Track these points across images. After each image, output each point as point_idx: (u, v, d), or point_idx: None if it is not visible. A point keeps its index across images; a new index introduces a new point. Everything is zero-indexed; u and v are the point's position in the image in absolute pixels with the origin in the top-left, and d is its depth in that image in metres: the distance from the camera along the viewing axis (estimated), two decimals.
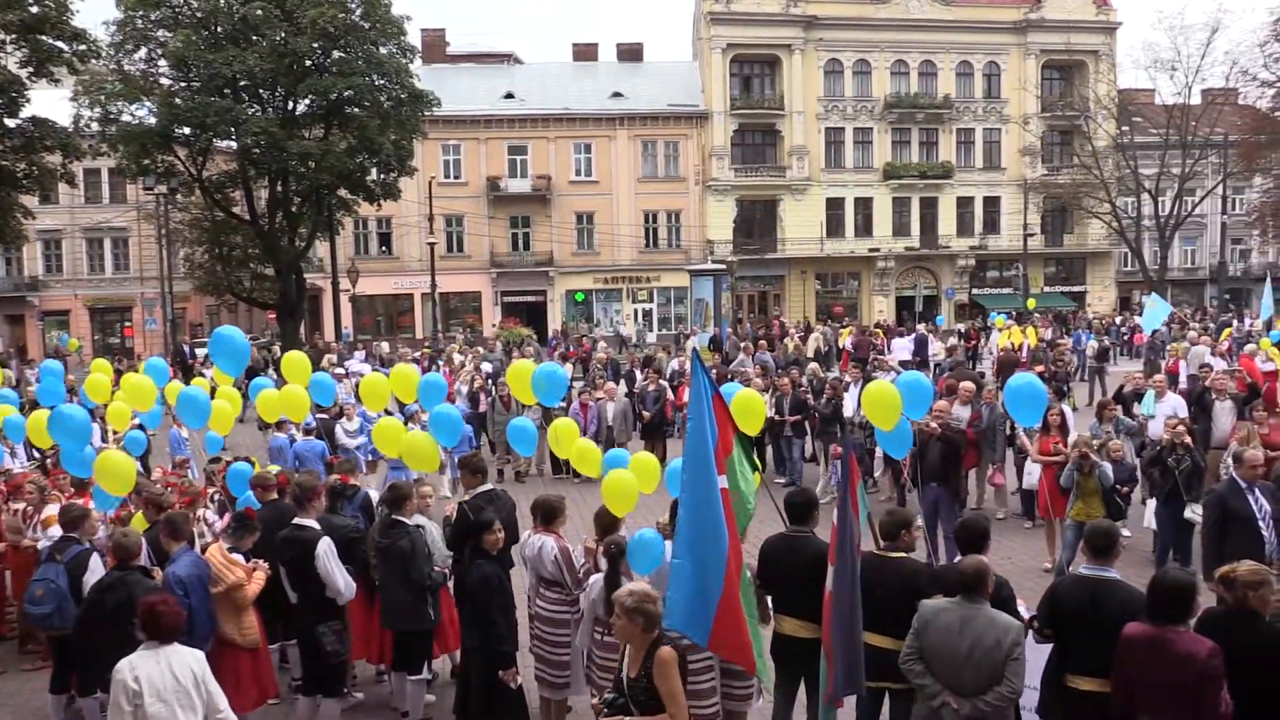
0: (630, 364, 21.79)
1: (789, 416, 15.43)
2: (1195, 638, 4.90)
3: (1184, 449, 10.53)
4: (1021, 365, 19.41)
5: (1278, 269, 55.41)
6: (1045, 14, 51.72)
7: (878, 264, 50.93)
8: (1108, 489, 10.12)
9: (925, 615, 5.36)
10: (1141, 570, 10.65)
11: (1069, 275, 54.32)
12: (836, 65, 50.89)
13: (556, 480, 16.57)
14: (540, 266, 48.55)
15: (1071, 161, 50.98)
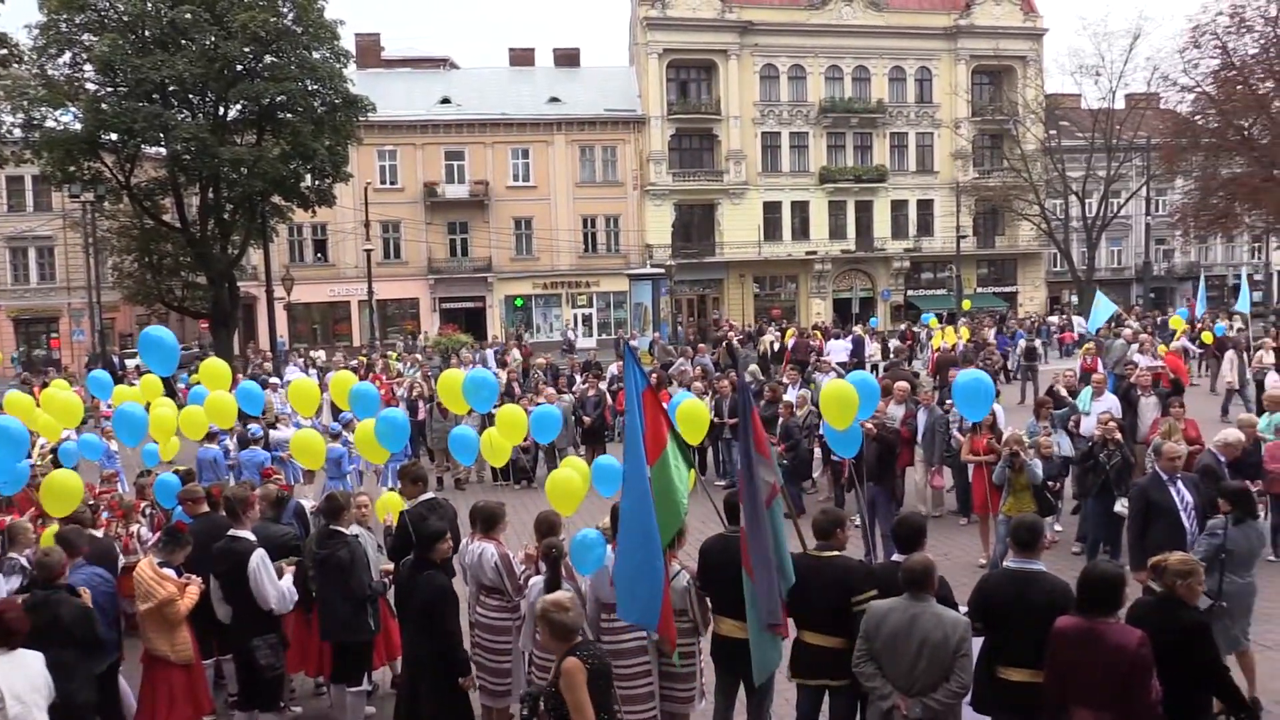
0: (571, 369, 21.74)
1: (728, 419, 15.51)
2: (1125, 628, 5.03)
3: (1115, 445, 10.79)
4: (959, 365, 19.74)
5: (1200, 268, 57.15)
6: (975, 20, 52.73)
7: (815, 267, 51.50)
8: (1038, 486, 10.36)
9: (875, 617, 5.42)
10: (1074, 563, 10.94)
11: (1001, 276, 55.39)
12: (772, 70, 51.40)
13: (497, 487, 16.50)
14: (479, 272, 48.31)
15: (1002, 165, 51.99)
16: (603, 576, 6.45)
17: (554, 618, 4.85)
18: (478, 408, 9.83)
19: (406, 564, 6.81)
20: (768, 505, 5.82)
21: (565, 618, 4.85)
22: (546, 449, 15.71)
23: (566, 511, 7.37)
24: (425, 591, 6.45)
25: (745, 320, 48.07)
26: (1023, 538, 5.73)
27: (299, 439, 9.85)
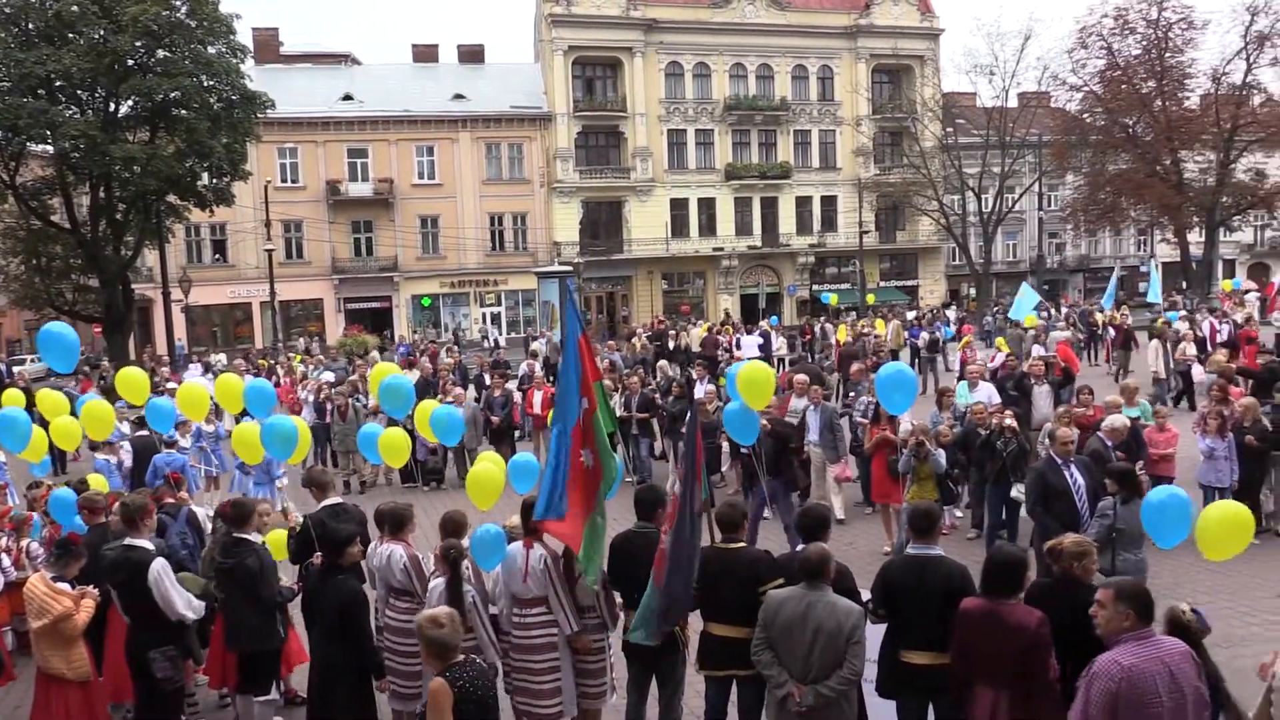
0: (480, 368, 21.54)
1: (637, 414, 15.58)
2: (1026, 609, 5.20)
3: (1010, 433, 11.15)
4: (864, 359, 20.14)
5: (1089, 261, 59.29)
6: (874, 20, 53.81)
7: (722, 263, 52.01)
8: (941, 475, 10.66)
9: (771, 606, 5.50)
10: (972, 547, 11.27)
11: (902, 270, 56.67)
12: (677, 68, 51.72)
13: (406, 489, 16.31)
14: (384, 272, 47.59)
15: (902, 161, 53.19)
16: (513, 571, 6.47)
17: (428, 634, 4.64)
18: (392, 413, 9.72)
19: (314, 570, 6.71)
20: (699, 515, 5.85)
21: (440, 634, 4.62)
22: (455, 449, 15.57)
23: (485, 505, 7.36)
24: (338, 596, 6.37)
25: (653, 317, 48.39)
26: (921, 524, 5.89)
27: (240, 433, 9.56)
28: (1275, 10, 44.76)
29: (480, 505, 7.38)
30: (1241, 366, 16.49)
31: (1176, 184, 46.56)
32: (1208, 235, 48.52)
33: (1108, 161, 49.37)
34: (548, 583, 6.40)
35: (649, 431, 15.79)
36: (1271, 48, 45.61)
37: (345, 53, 55.11)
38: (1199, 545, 6.02)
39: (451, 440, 9.43)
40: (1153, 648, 4.50)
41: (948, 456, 11.14)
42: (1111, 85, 48.02)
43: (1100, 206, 49.68)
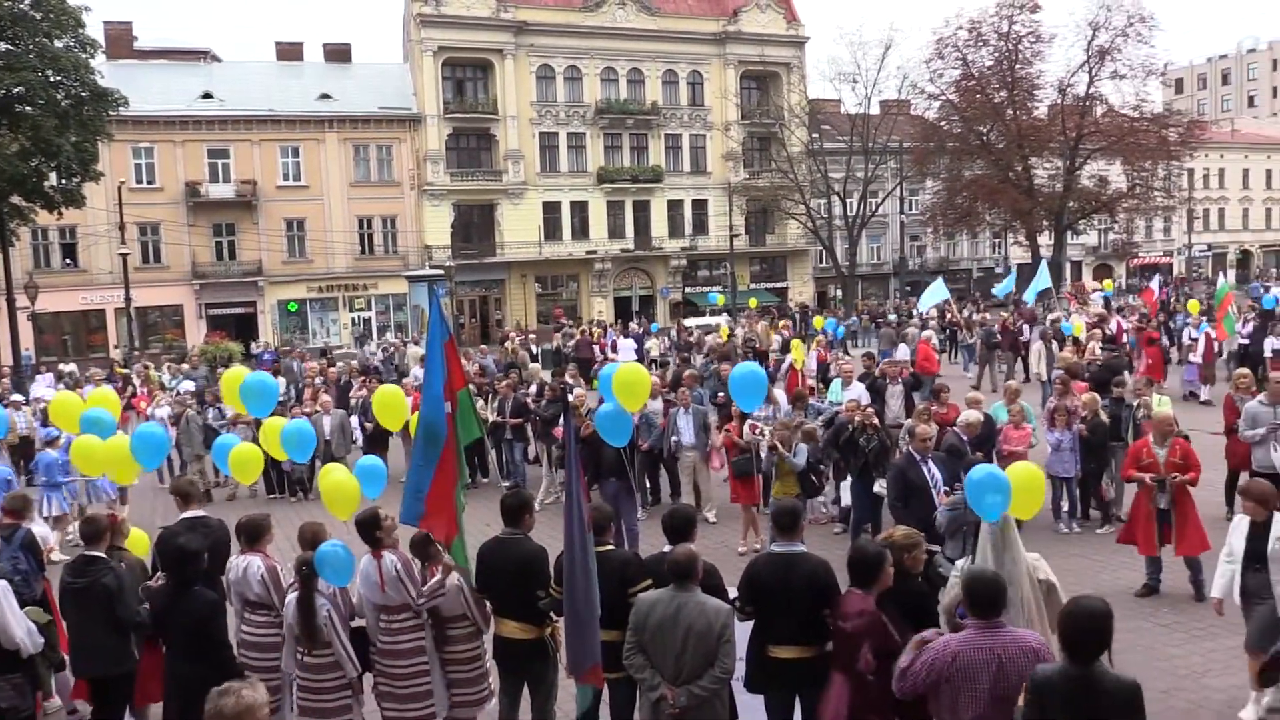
0: (348, 374, 21.12)
1: (510, 419, 15.55)
2: (861, 597, 5.39)
3: (873, 429, 11.54)
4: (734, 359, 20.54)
5: (948, 263, 61.58)
6: (742, 27, 54.80)
7: (595, 266, 52.17)
8: (801, 471, 10.96)
9: (642, 609, 5.53)
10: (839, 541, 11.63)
11: (772, 272, 57.84)
12: (548, 71, 51.66)
13: (271, 500, 15.88)
14: (248, 276, 46.07)
15: (770, 166, 54.32)
16: (370, 583, 6.41)
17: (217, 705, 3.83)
18: (255, 412, 9.47)
19: (165, 586, 6.47)
20: (587, 530, 5.74)
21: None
22: (323, 458, 15.23)
23: (344, 515, 7.24)
24: (194, 609, 6.17)
25: (527, 321, 48.24)
26: (784, 522, 6.02)
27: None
28: (1115, 26, 47.54)
29: (339, 515, 7.25)
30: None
31: (1027, 189, 48.96)
32: (1057, 238, 51.13)
33: (964, 167, 51.59)
34: (402, 586, 6.35)
35: (522, 436, 15.79)
36: (1111, 61, 48.47)
37: (204, 49, 53.27)
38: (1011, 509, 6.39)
39: (303, 457, 9.17)
40: (990, 638, 4.67)
41: (812, 452, 11.48)
42: (967, 94, 50.20)
43: (958, 210, 51.85)
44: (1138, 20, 47.27)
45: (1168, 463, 9.48)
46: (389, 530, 6.57)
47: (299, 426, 9.30)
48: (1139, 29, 47.35)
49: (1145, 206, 52.52)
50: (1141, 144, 48.30)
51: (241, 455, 8.93)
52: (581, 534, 5.54)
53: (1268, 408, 10.99)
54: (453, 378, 6.35)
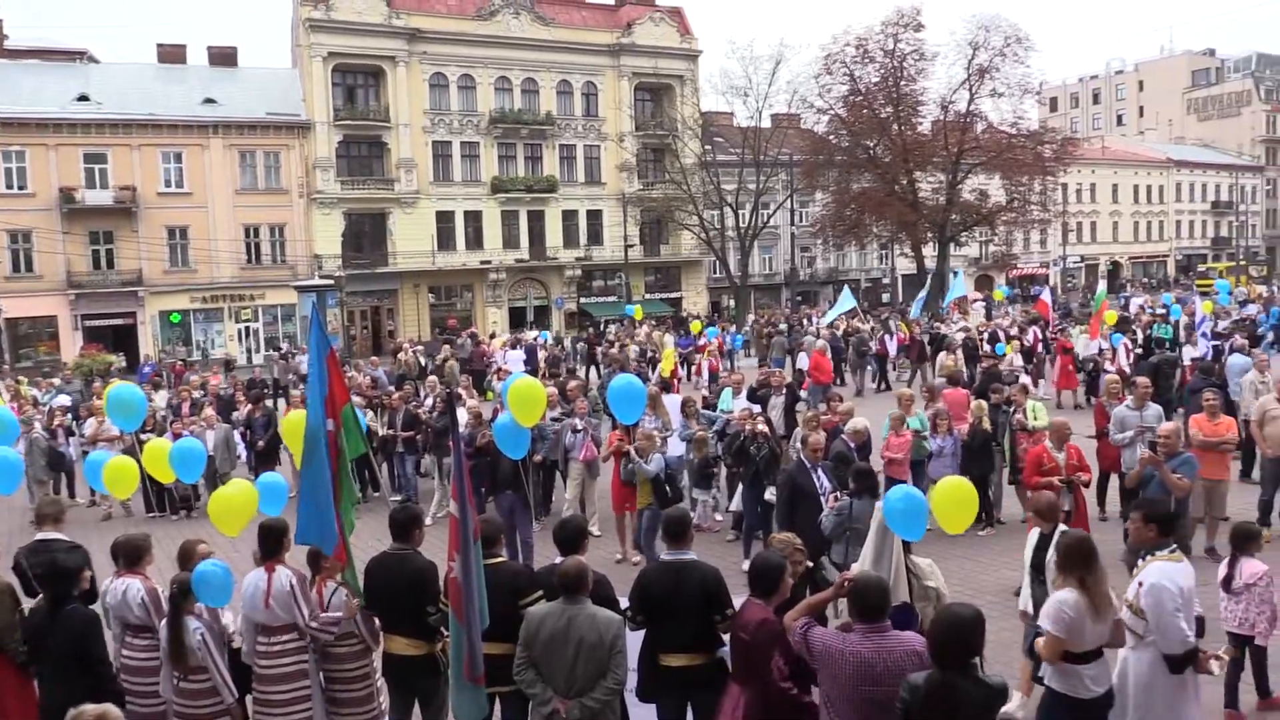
0: (232, 388, 20.56)
1: (401, 432, 15.36)
2: (760, 607, 5.43)
3: (763, 438, 11.75)
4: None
5: (837, 274, 62.93)
6: (636, 39, 55.21)
7: (490, 276, 51.82)
8: (654, 480, 11.07)
9: (532, 623, 5.51)
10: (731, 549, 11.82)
11: (667, 283, 58.27)
12: (441, 79, 51.21)
13: (151, 519, 15.32)
14: (127, 286, 44.40)
15: (664, 177, 54.74)
16: (254, 599, 6.26)
17: None
18: (124, 426, 9.18)
19: (37, 608, 6.22)
20: (475, 540, 5.68)
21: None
22: (207, 475, 14.80)
23: (231, 532, 7.08)
24: (70, 627, 5.96)
25: (420, 331, 47.63)
26: (674, 530, 6.09)
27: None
28: (993, 46, 49.38)
29: (227, 532, 7.08)
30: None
31: (912, 202, 50.43)
32: (940, 249, 52.72)
33: (852, 180, 52.88)
34: (293, 605, 6.20)
35: (414, 449, 15.59)
36: (990, 80, 50.30)
37: (80, 49, 51.28)
38: (940, 523, 6.57)
39: (192, 477, 8.92)
40: (876, 641, 4.82)
41: (677, 463, 11.71)
42: (854, 109, 51.50)
43: (846, 222, 53.08)
44: (1014, 41, 49.23)
45: (1068, 465, 9.91)
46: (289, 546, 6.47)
47: (187, 446, 9.05)
48: (1015, 49, 49.33)
49: (1023, 219, 54.56)
50: (1019, 159, 50.25)
51: (116, 470, 8.66)
52: (474, 545, 5.49)
53: (1135, 412, 11.57)
54: (335, 393, 6.27)
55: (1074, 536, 5.69)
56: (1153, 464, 9.21)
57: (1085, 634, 5.28)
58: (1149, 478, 9.29)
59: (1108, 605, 5.33)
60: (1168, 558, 5.65)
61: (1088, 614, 5.26)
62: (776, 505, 9.96)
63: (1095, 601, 5.26)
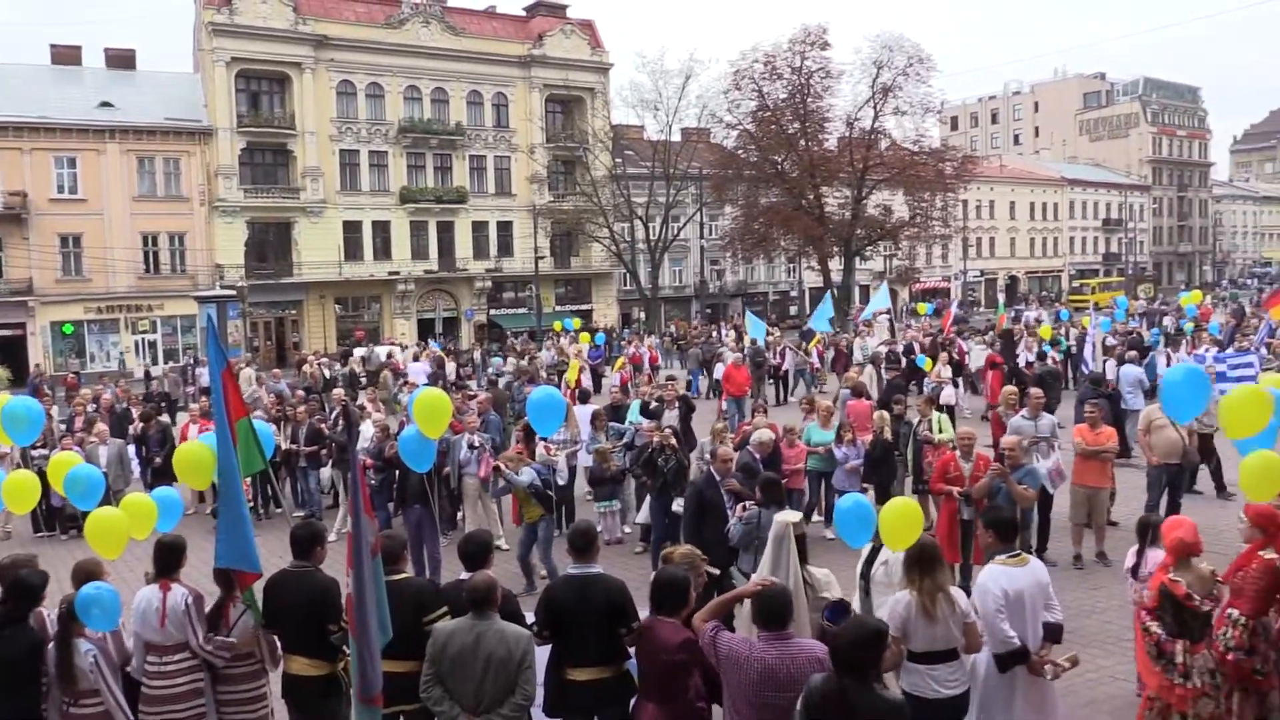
0: (127, 403, 19.91)
1: (304, 447, 15.06)
2: (675, 628, 5.42)
3: (670, 450, 11.85)
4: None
5: (746, 286, 63.73)
6: (547, 51, 55.26)
7: (398, 287, 51.20)
8: (535, 492, 11.01)
9: (439, 639, 5.43)
10: (639, 561, 11.88)
11: (577, 295, 58.28)
12: (349, 87, 50.52)
13: (39, 538, 14.73)
14: (16, 296, 42.64)
15: (574, 189, 54.82)
16: (148, 616, 6.07)
17: None
18: (17, 440, 8.84)
19: None
20: (373, 555, 5.52)
21: None
22: None
23: (110, 554, 6.81)
24: (13, 647, 5.73)
25: (326, 343, 46.80)
26: (579, 544, 6.09)
27: None
28: (896, 66, 50.60)
29: (107, 555, 6.78)
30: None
31: (819, 217, 51.31)
32: (846, 263, 53.74)
33: (760, 195, 53.58)
34: (187, 625, 6.03)
35: (317, 463, 15.29)
36: (893, 98, 51.50)
37: None
38: (886, 541, 6.68)
39: (90, 504, 8.56)
40: (779, 648, 4.91)
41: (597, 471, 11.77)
42: (762, 125, 52.21)
43: (755, 236, 53.72)
44: (916, 61, 50.49)
45: (973, 475, 10.20)
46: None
47: (86, 474, 8.68)
48: (918, 69, 50.59)
49: (925, 235, 55.90)
50: (921, 176, 51.52)
51: (15, 485, 8.33)
52: (371, 561, 5.36)
53: (1029, 421, 11.97)
54: (231, 408, 6.19)
55: (925, 543, 5.94)
56: (999, 475, 9.46)
57: (917, 634, 5.53)
58: (997, 489, 9.52)
59: (942, 604, 5.56)
60: (1006, 561, 5.89)
61: (919, 615, 5.53)
62: (684, 517, 10.04)
63: (927, 604, 5.52)
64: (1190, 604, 5.92)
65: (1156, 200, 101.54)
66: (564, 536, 8.13)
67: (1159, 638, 6.00)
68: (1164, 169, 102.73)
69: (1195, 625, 5.94)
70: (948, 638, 5.60)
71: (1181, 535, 6.17)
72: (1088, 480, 11.33)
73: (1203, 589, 6.00)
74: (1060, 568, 10.86)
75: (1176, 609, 5.94)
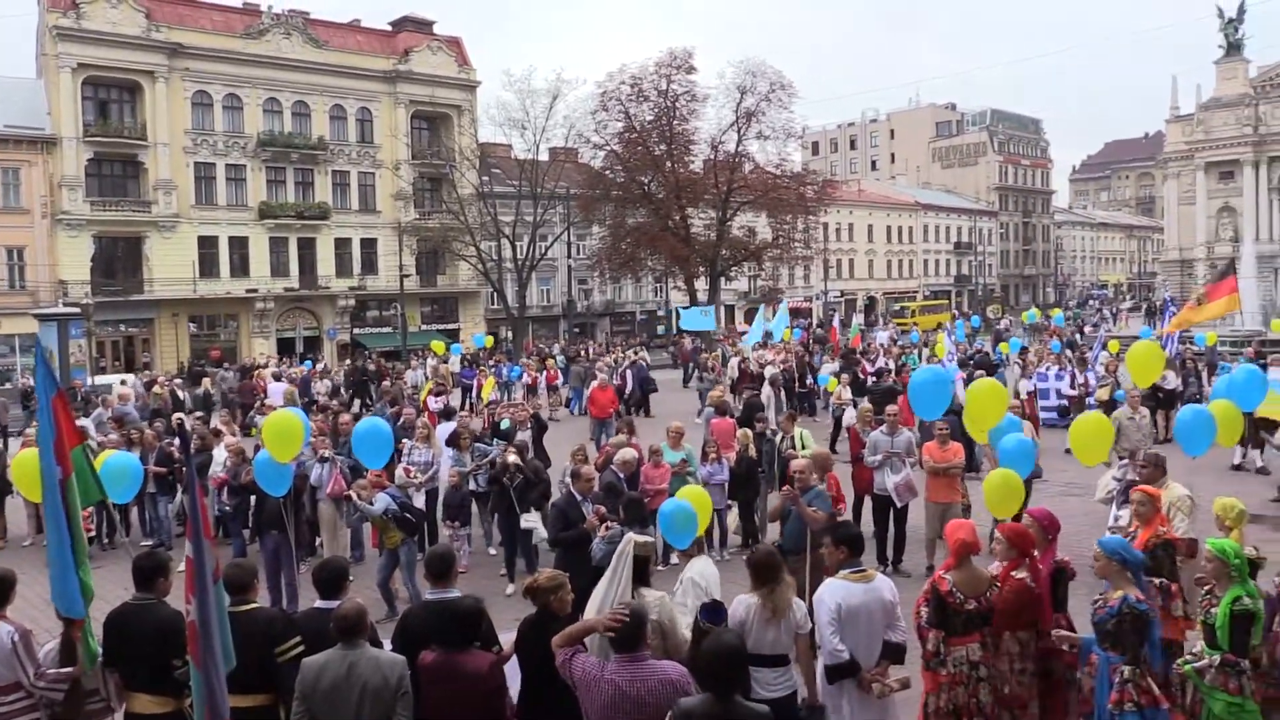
0: None
1: (153, 469, 14.45)
2: (479, 656, 5.42)
3: (515, 468, 11.89)
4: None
5: (614, 305, 64.16)
6: (413, 67, 54.65)
7: (257, 305, 49.61)
8: (395, 517, 10.79)
9: (310, 674, 5.23)
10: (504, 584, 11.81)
11: (444, 313, 57.57)
12: (205, 98, 48.88)
13: None
14: None
15: (441, 207, 54.22)
16: None
17: None
18: None
19: None
20: (215, 581, 5.27)
21: None
22: None
23: None
24: None
25: (180, 361, 45.02)
26: (436, 568, 6.04)
27: None
28: (759, 92, 51.94)
29: None
30: None
31: (685, 237, 52.18)
32: (712, 283, 54.73)
33: (627, 215, 54.17)
34: (16, 663, 5.69)
35: (167, 489, 14.68)
36: (757, 123, 52.89)
37: None
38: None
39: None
40: (632, 670, 4.94)
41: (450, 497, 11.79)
42: (629, 146, 52.84)
43: (622, 256, 54.25)
44: (779, 88, 51.99)
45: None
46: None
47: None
48: (780, 95, 52.10)
49: (787, 256, 57.45)
50: (783, 199, 52.99)
51: None
52: (214, 588, 5.14)
53: (887, 437, 12.41)
54: (64, 437, 5.89)
55: (763, 552, 6.26)
56: (789, 498, 9.78)
57: (751, 636, 5.78)
58: (788, 511, 9.67)
59: (781, 615, 5.85)
60: (848, 576, 6.09)
61: (759, 618, 5.82)
62: (549, 536, 10.08)
63: (768, 610, 5.81)
64: (950, 600, 6.22)
65: (1003, 225, 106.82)
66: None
67: (918, 622, 6.30)
68: (1010, 196, 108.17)
69: (956, 620, 6.23)
70: (779, 644, 5.87)
71: (962, 536, 6.46)
72: (940, 496, 11.79)
73: (971, 589, 6.29)
74: (914, 578, 11.26)
75: (939, 602, 6.25)
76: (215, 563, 5.23)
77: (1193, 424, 9.08)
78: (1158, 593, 6.64)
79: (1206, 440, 9.35)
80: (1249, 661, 5.87)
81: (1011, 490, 8.13)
